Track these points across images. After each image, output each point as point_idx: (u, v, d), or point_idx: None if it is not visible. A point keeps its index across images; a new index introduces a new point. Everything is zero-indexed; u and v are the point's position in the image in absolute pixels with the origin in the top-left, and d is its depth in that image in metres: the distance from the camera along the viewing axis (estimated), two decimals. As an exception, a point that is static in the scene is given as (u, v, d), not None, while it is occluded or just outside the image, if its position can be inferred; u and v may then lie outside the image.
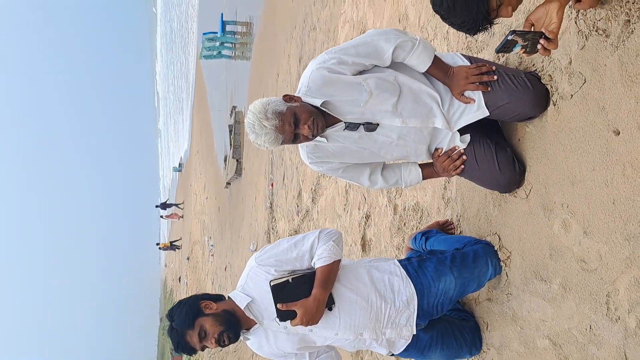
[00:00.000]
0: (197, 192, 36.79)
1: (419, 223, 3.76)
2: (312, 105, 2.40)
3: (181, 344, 2.43)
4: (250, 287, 2.53)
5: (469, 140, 2.55)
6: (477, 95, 2.43)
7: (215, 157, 25.80)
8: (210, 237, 24.52)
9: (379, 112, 2.44)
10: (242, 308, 2.48)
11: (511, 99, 2.40)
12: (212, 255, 22.22)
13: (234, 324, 2.46)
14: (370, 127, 2.46)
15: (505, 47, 2.02)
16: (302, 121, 2.34)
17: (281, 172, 10.17)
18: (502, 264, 2.74)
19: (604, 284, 2.13)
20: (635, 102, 1.99)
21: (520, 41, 1.99)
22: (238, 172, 18.50)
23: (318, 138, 2.47)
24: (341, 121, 2.44)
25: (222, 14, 21.97)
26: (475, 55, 3.10)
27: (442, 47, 3.58)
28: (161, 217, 44.35)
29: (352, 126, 2.45)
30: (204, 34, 22.39)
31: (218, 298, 2.57)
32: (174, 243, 41.95)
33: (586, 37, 2.23)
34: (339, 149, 2.54)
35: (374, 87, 2.39)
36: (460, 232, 3.18)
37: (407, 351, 2.70)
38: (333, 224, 5.96)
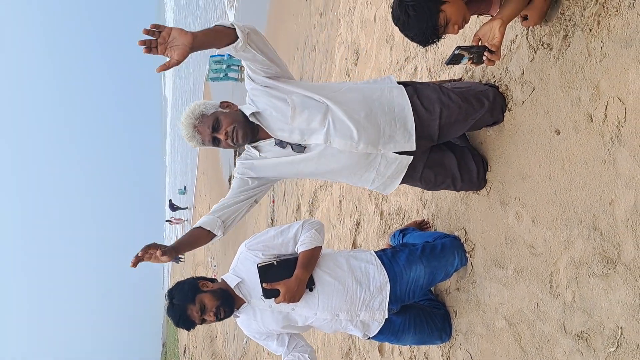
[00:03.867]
0: (201, 213, 37.07)
1: (401, 225, 4.06)
2: (244, 115, 2.58)
3: (182, 318, 2.72)
4: (240, 270, 2.84)
5: (409, 162, 2.66)
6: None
7: (220, 177, 26.15)
8: (214, 258, 24.73)
9: (307, 130, 2.54)
10: (233, 287, 2.78)
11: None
12: (215, 275, 22.42)
13: (228, 300, 2.76)
14: (298, 148, 2.59)
15: (454, 60, 2.35)
16: (222, 127, 2.52)
17: (282, 189, 10.50)
18: (467, 255, 3.04)
19: (548, 265, 2.42)
20: (571, 105, 2.30)
21: (466, 54, 2.32)
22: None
23: (249, 148, 2.66)
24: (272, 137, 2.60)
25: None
26: (447, 70, 3.45)
27: (422, 63, 3.92)
28: (166, 221, 44.68)
29: (281, 144, 2.60)
30: (211, 56, 22.86)
31: (212, 280, 2.87)
32: (178, 256, 42.08)
33: (535, 50, 2.56)
34: (267, 163, 2.68)
35: (298, 104, 2.52)
36: (435, 230, 3.48)
37: (381, 334, 2.98)
38: (328, 234, 6.25)
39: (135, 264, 2.48)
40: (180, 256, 42.02)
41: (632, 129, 1.98)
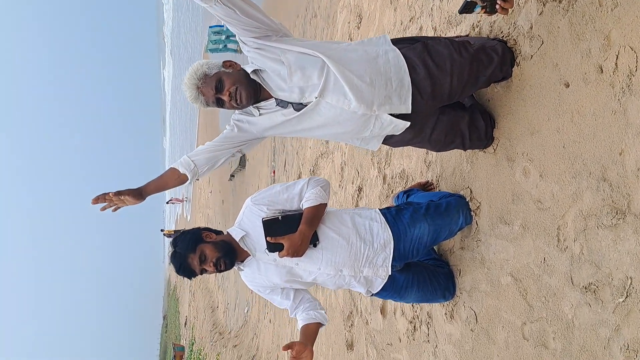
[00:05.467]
0: (202, 186, 37.11)
1: (405, 187, 4.04)
2: (246, 74, 2.54)
3: (183, 266, 2.73)
4: (245, 223, 2.83)
5: (406, 126, 2.61)
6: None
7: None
8: (215, 231, 24.80)
9: (307, 87, 2.49)
10: (237, 240, 2.78)
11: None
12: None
13: (230, 253, 2.76)
14: (298, 107, 2.55)
15: (467, 8, 2.31)
16: (225, 87, 2.49)
17: (282, 159, 10.47)
18: (472, 213, 3.02)
19: (555, 219, 2.41)
20: (580, 57, 2.27)
21: (479, 2, 2.28)
22: (242, 164, 18.77)
23: (250, 109, 2.63)
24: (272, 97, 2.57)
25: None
26: (454, 28, 3.40)
27: (427, 22, 3.86)
28: (167, 202, 45.13)
29: (282, 103, 2.57)
30: (210, 27, 22.67)
31: (218, 232, 2.87)
32: (178, 232, 42.65)
33: (544, 3, 2.51)
34: (263, 120, 2.65)
35: (293, 62, 2.47)
36: (439, 190, 3.46)
37: (384, 290, 2.98)
38: (330, 201, 6.22)
39: (96, 202, 2.65)
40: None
41: (644, 77, 1.95)
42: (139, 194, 2.70)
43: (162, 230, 43.71)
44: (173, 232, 42.34)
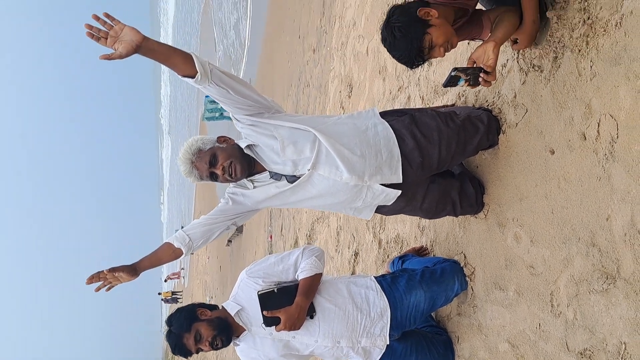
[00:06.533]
0: (199, 252, 36.89)
1: (400, 253, 4.05)
2: (240, 149, 2.62)
3: (178, 346, 2.70)
4: (241, 297, 2.82)
5: (397, 195, 2.66)
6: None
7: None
8: (212, 297, 24.57)
9: (299, 160, 2.56)
10: (233, 315, 2.76)
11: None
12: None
13: (226, 329, 2.73)
14: (292, 179, 2.61)
15: (451, 82, 2.39)
16: (219, 162, 2.56)
17: (279, 224, 10.48)
18: (467, 279, 3.03)
19: (548, 285, 2.42)
20: (564, 124, 2.34)
21: (462, 76, 2.36)
22: (239, 229, 18.75)
23: (245, 182, 2.69)
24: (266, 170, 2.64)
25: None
26: (440, 97, 3.50)
27: (415, 92, 3.98)
28: (165, 281, 44.49)
29: (276, 176, 2.64)
30: (206, 96, 23.10)
31: (212, 307, 2.85)
32: (175, 294, 42.05)
33: (526, 73, 2.61)
34: (257, 192, 2.71)
35: (286, 137, 2.55)
36: (434, 256, 3.48)
37: (383, 360, 2.95)
38: (327, 266, 6.23)
39: (91, 281, 2.63)
40: (177, 296, 41.80)
41: (625, 145, 2.01)
42: (133, 270, 2.71)
43: (159, 294, 43.17)
44: (171, 295, 41.80)
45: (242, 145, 2.62)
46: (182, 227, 2.93)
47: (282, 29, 12.97)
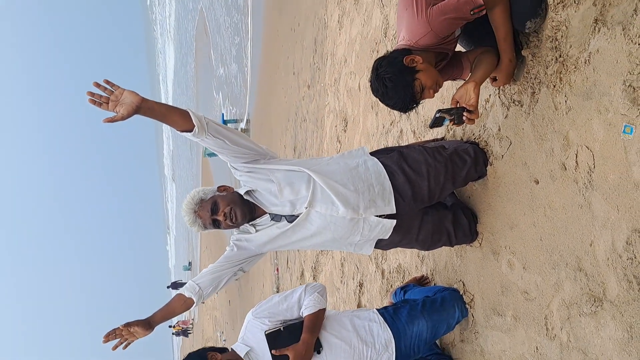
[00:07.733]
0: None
1: (402, 282, 4.16)
2: (240, 195, 2.76)
3: None
4: (249, 338, 2.92)
5: (393, 225, 2.77)
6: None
7: (224, 251, 26.22)
8: (223, 332, 24.52)
9: (297, 200, 2.68)
10: (242, 356, 2.86)
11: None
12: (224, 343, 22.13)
13: None
14: (291, 219, 2.72)
15: (436, 122, 2.54)
16: (220, 209, 2.70)
17: (285, 257, 10.57)
18: (467, 306, 3.13)
19: (542, 309, 2.53)
20: (545, 155, 2.47)
21: (447, 116, 2.51)
22: (246, 263, 18.78)
23: (247, 226, 2.82)
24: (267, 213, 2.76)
25: (222, 113, 23.17)
26: (431, 131, 3.64)
27: (406, 126, 4.13)
28: (172, 328, 44.01)
29: (276, 217, 2.76)
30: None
31: (222, 350, 2.95)
32: (186, 328, 41.93)
33: (507, 107, 2.75)
34: (260, 235, 2.82)
35: (281, 179, 2.68)
36: (435, 284, 3.58)
37: (390, 391, 3.03)
38: (333, 297, 6.31)
39: (107, 339, 2.71)
40: (188, 329, 41.62)
41: (601, 174, 2.14)
42: (148, 324, 2.80)
43: (170, 327, 42.89)
44: (181, 329, 41.53)
45: (242, 192, 2.76)
46: (182, 283, 3.01)
47: (277, 65, 13.24)
